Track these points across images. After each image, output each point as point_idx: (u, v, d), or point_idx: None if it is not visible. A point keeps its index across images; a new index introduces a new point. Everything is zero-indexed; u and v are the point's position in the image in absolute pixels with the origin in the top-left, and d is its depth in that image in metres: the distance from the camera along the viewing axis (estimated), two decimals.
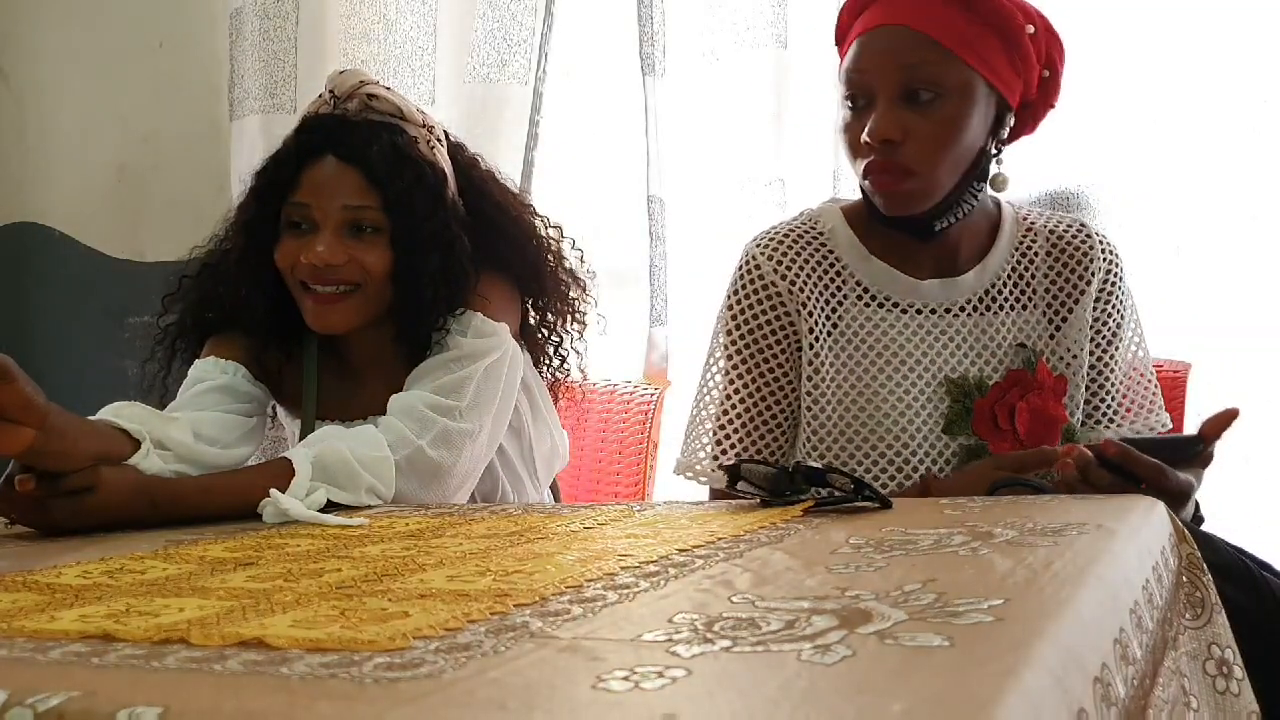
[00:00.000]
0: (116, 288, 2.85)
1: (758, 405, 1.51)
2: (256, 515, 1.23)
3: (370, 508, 1.34)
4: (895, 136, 1.40)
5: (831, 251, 1.52)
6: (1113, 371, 1.55)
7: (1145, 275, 2.12)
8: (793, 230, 1.54)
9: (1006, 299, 1.52)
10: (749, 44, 2.32)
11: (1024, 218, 1.57)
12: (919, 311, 1.51)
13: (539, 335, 1.74)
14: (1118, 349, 1.55)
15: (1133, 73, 2.14)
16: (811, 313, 1.49)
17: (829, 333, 1.50)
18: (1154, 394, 1.57)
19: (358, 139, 1.51)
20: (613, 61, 2.54)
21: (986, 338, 1.51)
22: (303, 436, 1.56)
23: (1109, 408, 1.54)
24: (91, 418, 1.28)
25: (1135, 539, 0.93)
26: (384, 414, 1.47)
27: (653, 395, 2.09)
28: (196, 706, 0.54)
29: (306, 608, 0.73)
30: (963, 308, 1.51)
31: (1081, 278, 1.53)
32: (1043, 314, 1.53)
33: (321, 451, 1.34)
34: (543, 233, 1.71)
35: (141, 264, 2.85)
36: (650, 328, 2.40)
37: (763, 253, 1.52)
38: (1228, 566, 1.17)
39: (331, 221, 1.49)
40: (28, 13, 2.94)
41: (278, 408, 1.69)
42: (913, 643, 0.59)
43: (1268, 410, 2.02)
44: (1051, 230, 1.56)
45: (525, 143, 2.49)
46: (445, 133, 1.64)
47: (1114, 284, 1.54)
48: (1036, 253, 1.54)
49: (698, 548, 0.92)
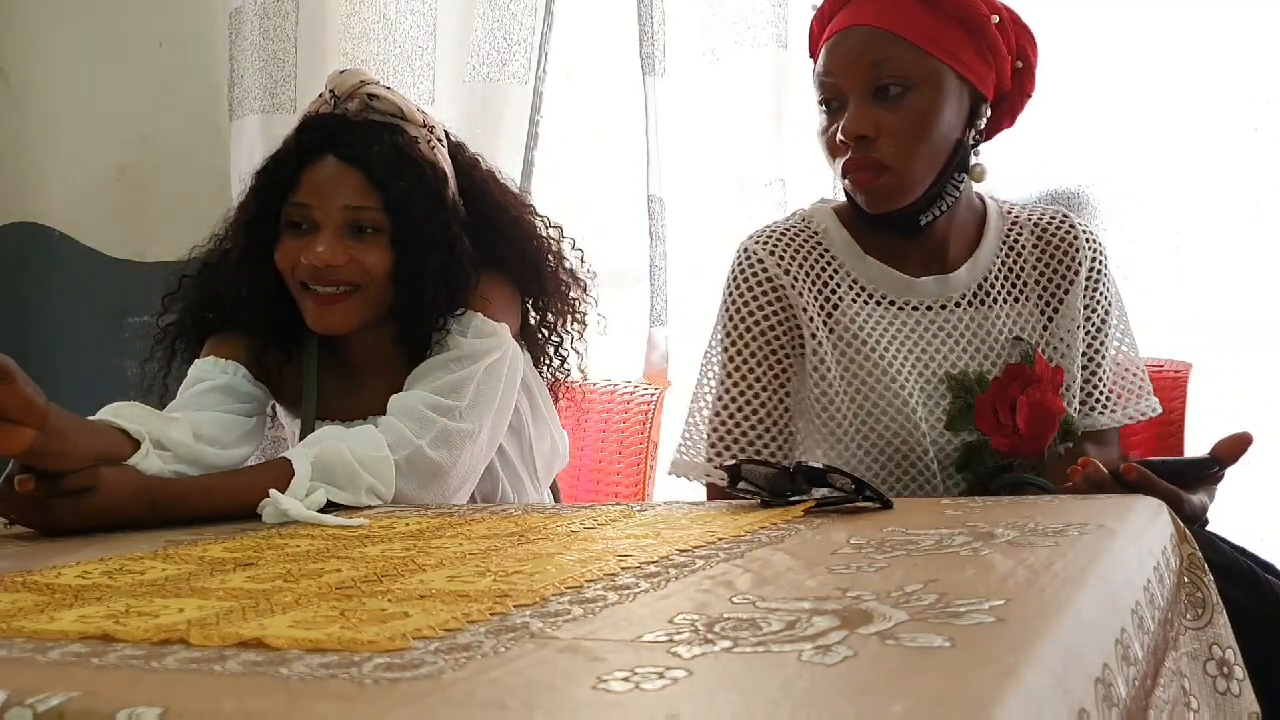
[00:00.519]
0: (116, 288, 2.85)
1: (759, 398, 1.50)
2: (256, 515, 1.23)
3: (370, 508, 1.34)
4: (867, 132, 1.41)
5: (827, 250, 1.52)
6: (1104, 359, 1.56)
7: (1145, 275, 2.13)
8: (789, 229, 1.54)
9: (1000, 293, 1.53)
10: (749, 44, 2.32)
11: (1008, 212, 1.58)
12: (915, 309, 1.51)
13: (539, 335, 1.74)
14: (1107, 335, 1.56)
15: (1133, 72, 2.14)
16: (809, 310, 1.49)
17: (832, 330, 1.50)
18: (1143, 380, 1.58)
19: (358, 139, 1.51)
20: (613, 61, 2.54)
21: (983, 332, 1.51)
22: (303, 436, 1.56)
23: (1102, 394, 1.55)
24: (91, 418, 1.28)
25: (1136, 539, 0.93)
26: (384, 414, 1.47)
27: (653, 395, 2.09)
28: (196, 707, 0.54)
29: (306, 608, 0.73)
30: (958, 303, 1.52)
31: (1070, 268, 1.54)
32: (1035, 305, 1.54)
33: (321, 452, 1.33)
34: (543, 233, 1.70)
35: (141, 264, 2.86)
36: (650, 328, 2.40)
37: (763, 247, 1.52)
38: (1229, 567, 1.17)
39: (332, 222, 1.49)
40: (28, 13, 2.94)
41: (278, 408, 1.69)
42: (914, 643, 0.59)
43: (1268, 410, 2.02)
44: (1036, 223, 1.57)
45: (525, 142, 2.49)
46: (446, 133, 1.64)
47: (1100, 271, 1.56)
48: (1024, 245, 1.55)
49: (698, 548, 0.92)
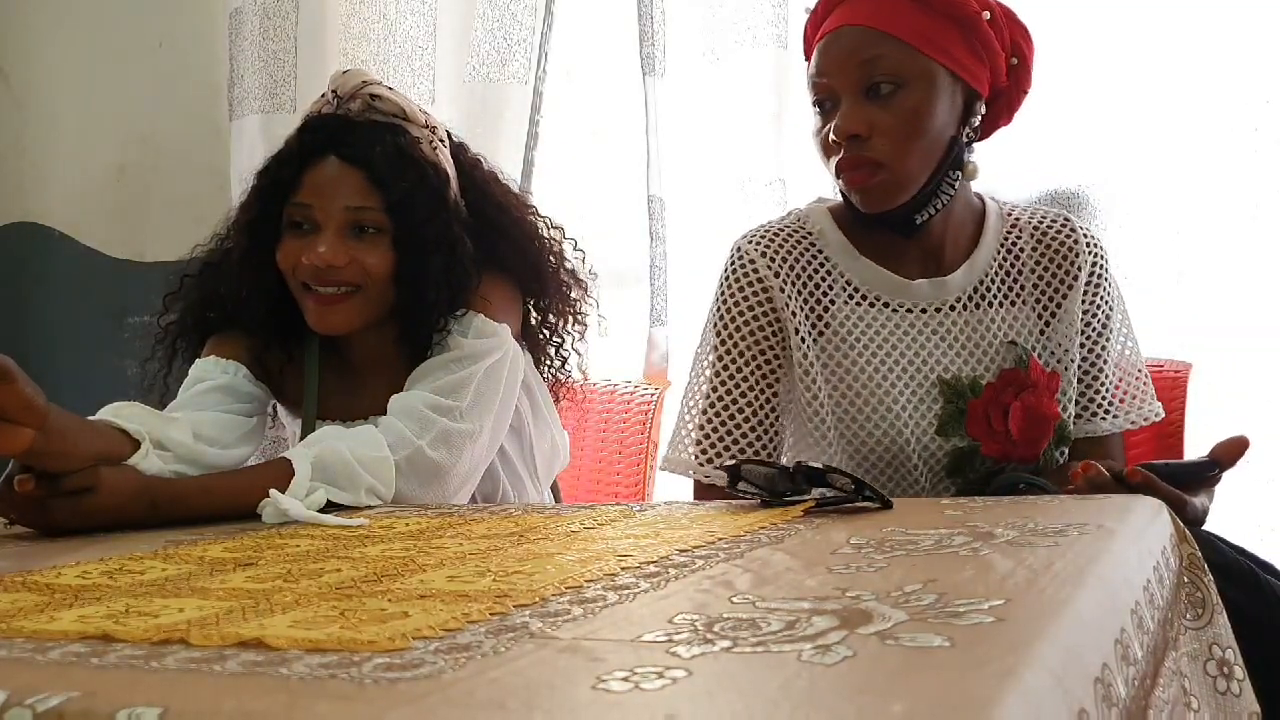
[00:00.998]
0: (116, 288, 2.85)
1: (746, 397, 1.49)
2: (256, 515, 1.23)
3: (370, 508, 1.34)
4: (860, 131, 1.41)
5: (821, 251, 1.52)
6: (1105, 363, 1.55)
7: (1145, 275, 2.13)
8: (782, 229, 1.54)
9: (996, 296, 1.52)
10: (749, 44, 2.32)
11: (1008, 213, 1.57)
12: (909, 310, 1.50)
13: (540, 336, 1.74)
14: (1108, 340, 1.55)
15: (1133, 72, 2.14)
16: (797, 312, 1.49)
17: (821, 332, 1.50)
18: (1146, 384, 1.58)
19: (360, 140, 1.51)
20: (613, 61, 2.54)
21: (978, 335, 1.51)
22: (303, 437, 1.55)
23: (1104, 399, 1.55)
24: (91, 418, 1.28)
25: (1136, 539, 0.93)
26: (385, 414, 1.47)
27: (653, 395, 2.09)
28: (196, 707, 0.54)
29: (306, 608, 0.73)
30: (953, 306, 1.51)
31: (1069, 272, 1.54)
32: (1032, 309, 1.53)
33: (321, 452, 1.33)
34: (544, 234, 1.70)
35: (141, 264, 2.86)
36: (650, 328, 2.40)
37: (755, 248, 1.52)
38: (1229, 567, 1.17)
39: (333, 222, 1.49)
40: (28, 13, 2.94)
41: (278, 407, 1.68)
42: (913, 643, 0.59)
43: (1268, 410, 2.02)
44: (1036, 226, 1.56)
45: (525, 142, 2.49)
46: (448, 133, 1.64)
47: (1101, 276, 1.55)
48: (1023, 248, 1.55)
49: (698, 548, 0.92)
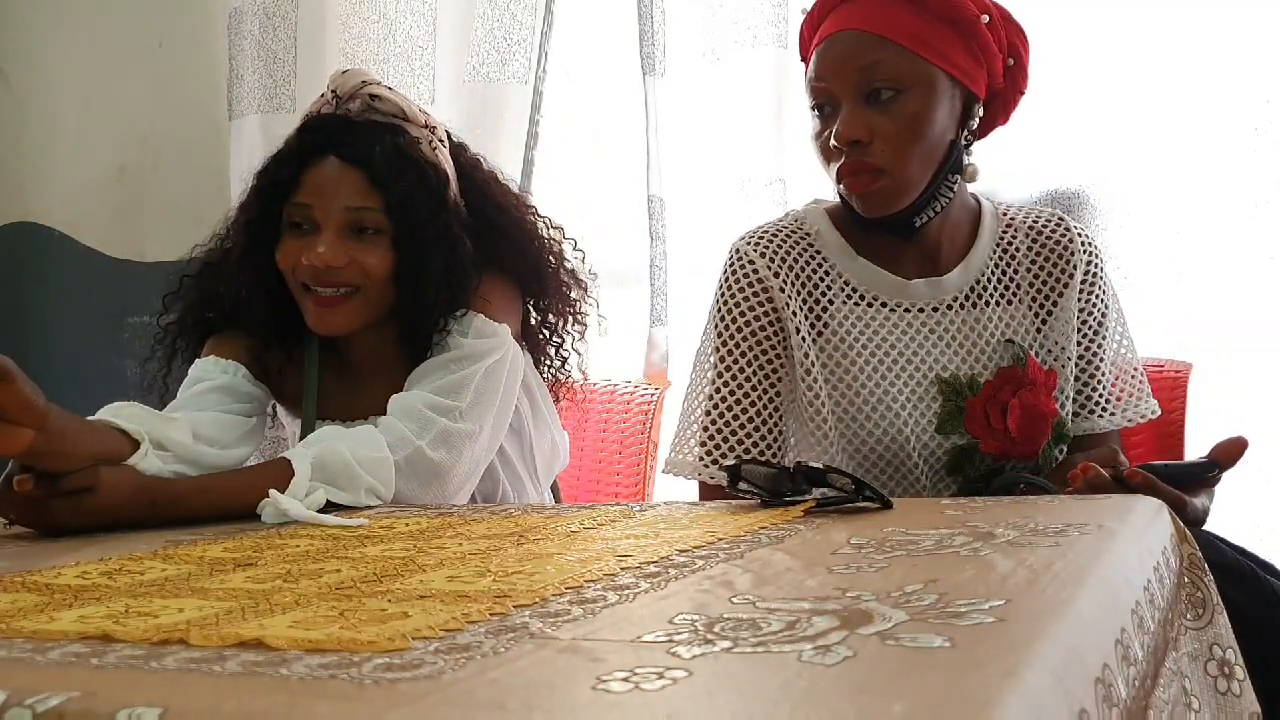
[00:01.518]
0: (116, 288, 2.85)
1: (749, 397, 1.49)
2: (256, 515, 1.23)
3: (370, 508, 1.34)
4: (861, 137, 1.41)
5: (819, 252, 1.52)
6: (1102, 361, 1.55)
7: (1145, 275, 2.13)
8: (781, 229, 1.54)
9: (992, 295, 1.53)
10: (749, 44, 2.32)
11: (1003, 213, 1.58)
12: (907, 310, 1.51)
13: (540, 336, 1.74)
14: (1104, 339, 1.56)
15: (1133, 72, 2.14)
16: (797, 312, 1.49)
17: (819, 333, 1.50)
18: (1142, 382, 1.58)
19: (360, 140, 1.51)
20: (613, 61, 2.54)
21: (975, 334, 1.51)
22: (303, 437, 1.56)
23: (1101, 397, 1.55)
24: (91, 418, 1.28)
25: (1137, 540, 0.92)
26: (385, 414, 1.47)
27: (653, 395, 2.09)
28: (196, 707, 0.54)
29: (306, 608, 0.73)
30: (950, 305, 1.51)
31: (1064, 271, 1.54)
32: (1028, 308, 1.54)
33: (321, 452, 1.33)
34: (544, 234, 1.70)
35: (141, 264, 2.85)
36: (650, 328, 2.40)
37: (754, 249, 1.52)
38: (1229, 567, 1.17)
39: (333, 222, 1.49)
40: (28, 13, 2.93)
41: (278, 408, 1.68)
42: (914, 643, 0.59)
43: (1268, 410, 2.02)
44: (1031, 225, 1.57)
45: (525, 142, 2.49)
46: (448, 133, 1.64)
47: (1096, 275, 1.55)
48: (1018, 248, 1.55)
49: (698, 548, 0.92)
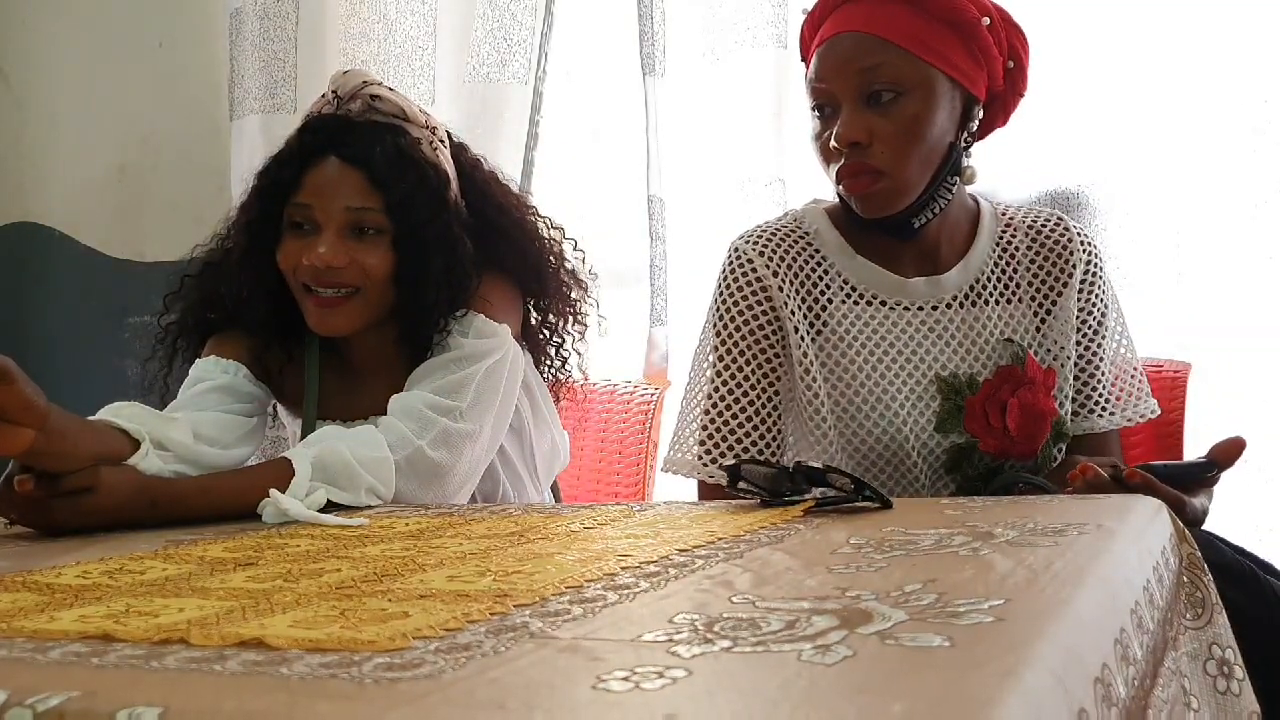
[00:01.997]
0: (116, 288, 2.85)
1: (747, 396, 1.50)
2: (256, 515, 1.23)
3: (370, 508, 1.34)
4: (861, 139, 1.41)
5: (818, 251, 1.52)
6: (1101, 360, 1.56)
7: (1145, 275, 2.13)
8: (780, 229, 1.54)
9: (991, 294, 1.53)
10: (749, 44, 2.32)
11: (1002, 213, 1.58)
12: (906, 309, 1.51)
13: (540, 336, 1.74)
14: (1104, 338, 1.56)
15: (1133, 72, 2.14)
16: (795, 312, 1.49)
17: (818, 332, 1.50)
18: (1141, 381, 1.58)
19: (361, 140, 1.51)
20: (613, 61, 2.54)
21: (974, 333, 1.51)
22: (304, 437, 1.55)
23: (1101, 396, 1.55)
24: (91, 418, 1.28)
25: (1136, 539, 0.93)
26: (385, 414, 1.47)
27: (653, 395, 2.09)
28: (196, 706, 0.54)
29: (306, 608, 0.73)
30: (949, 304, 1.51)
31: (1064, 270, 1.54)
32: (1028, 307, 1.54)
33: (321, 452, 1.33)
34: (544, 234, 1.70)
35: (141, 264, 2.85)
36: (650, 328, 2.40)
37: (753, 248, 1.52)
38: (1228, 567, 1.17)
39: (334, 223, 1.49)
40: (28, 13, 2.94)
41: (279, 407, 1.68)
42: (913, 643, 0.59)
43: (1267, 411, 2.02)
44: (1030, 225, 1.57)
45: (525, 143, 2.49)
46: (448, 134, 1.64)
47: (1095, 275, 1.56)
48: (1018, 247, 1.55)
49: (698, 548, 0.92)
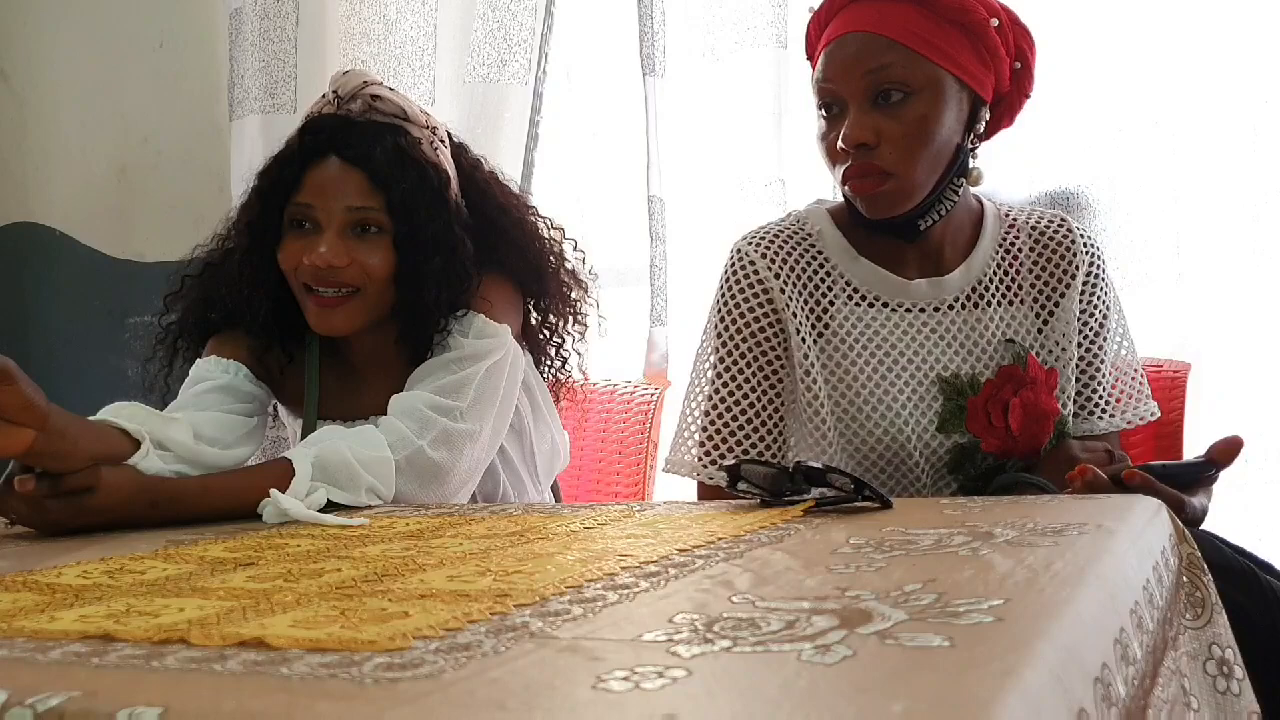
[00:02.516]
0: (116, 288, 2.86)
1: (748, 398, 1.50)
2: (256, 515, 1.23)
3: (370, 508, 1.34)
4: (868, 140, 1.40)
5: (820, 252, 1.52)
6: (1102, 363, 1.56)
7: (1145, 275, 2.13)
8: (782, 230, 1.54)
9: (994, 295, 1.53)
10: (749, 44, 2.32)
11: (1005, 214, 1.58)
12: (908, 310, 1.51)
13: (541, 336, 1.74)
14: (1105, 340, 1.56)
15: (1133, 73, 2.14)
16: (797, 313, 1.49)
17: (820, 333, 1.50)
18: (1142, 383, 1.58)
19: (361, 140, 1.51)
20: (613, 61, 2.54)
21: (976, 334, 1.51)
22: (304, 436, 1.56)
23: (1100, 398, 1.55)
24: (91, 418, 1.28)
25: (1136, 539, 0.93)
26: (385, 414, 1.47)
27: (653, 395, 2.09)
28: (196, 706, 0.54)
29: (306, 608, 0.73)
30: (951, 305, 1.51)
31: (1066, 271, 1.54)
32: (1030, 308, 1.54)
33: (322, 451, 1.33)
34: (545, 234, 1.70)
35: (141, 264, 2.86)
36: (650, 328, 2.40)
37: (754, 249, 1.52)
38: (1228, 567, 1.17)
39: (335, 222, 1.49)
40: (28, 13, 2.94)
41: (279, 407, 1.68)
42: (913, 643, 0.59)
43: (1267, 410, 2.02)
44: (1034, 226, 1.57)
45: (525, 143, 2.49)
46: (448, 134, 1.64)
47: (1098, 277, 1.56)
48: (1020, 248, 1.55)
49: (698, 548, 0.92)
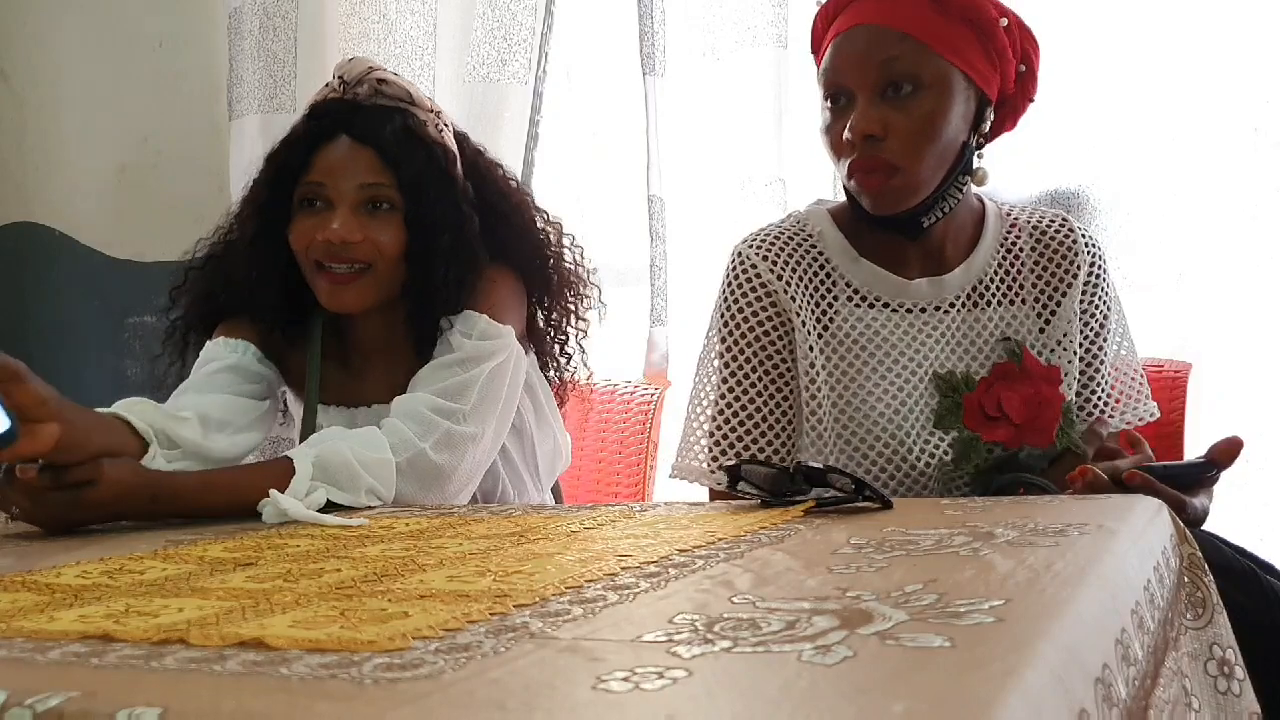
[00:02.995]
0: (116, 288, 2.85)
1: (755, 402, 1.50)
2: (256, 514, 1.24)
3: (370, 508, 1.34)
4: (876, 131, 1.40)
5: (821, 253, 1.52)
6: (1102, 363, 1.56)
7: (1145, 275, 2.13)
8: (783, 232, 1.54)
9: (994, 295, 1.53)
10: (749, 44, 2.32)
11: (1007, 214, 1.58)
12: (909, 310, 1.51)
13: (546, 335, 1.74)
14: (1105, 341, 1.56)
15: (1133, 72, 2.14)
16: (802, 313, 1.49)
17: (820, 334, 1.50)
18: (1142, 384, 1.58)
19: (370, 120, 1.54)
20: (613, 61, 2.54)
21: (974, 334, 1.51)
22: (305, 421, 1.58)
23: (1101, 398, 1.55)
24: (100, 409, 1.30)
25: (1137, 539, 0.92)
26: (385, 401, 1.49)
27: (653, 395, 2.09)
28: (196, 707, 0.54)
29: (306, 608, 0.73)
30: (951, 304, 1.51)
31: (1068, 271, 1.54)
32: (1031, 308, 1.54)
33: (323, 452, 1.34)
34: (543, 226, 1.72)
35: (141, 264, 2.85)
36: (650, 328, 2.40)
37: (756, 251, 1.52)
38: (1229, 567, 1.17)
39: (347, 200, 1.51)
40: (28, 13, 2.93)
41: (287, 395, 1.71)
42: (913, 643, 0.59)
43: (1268, 410, 2.02)
44: (1035, 225, 1.56)
45: (525, 142, 2.49)
46: (450, 122, 1.66)
47: (1099, 277, 1.55)
48: (1022, 248, 1.55)
49: (698, 548, 0.92)
